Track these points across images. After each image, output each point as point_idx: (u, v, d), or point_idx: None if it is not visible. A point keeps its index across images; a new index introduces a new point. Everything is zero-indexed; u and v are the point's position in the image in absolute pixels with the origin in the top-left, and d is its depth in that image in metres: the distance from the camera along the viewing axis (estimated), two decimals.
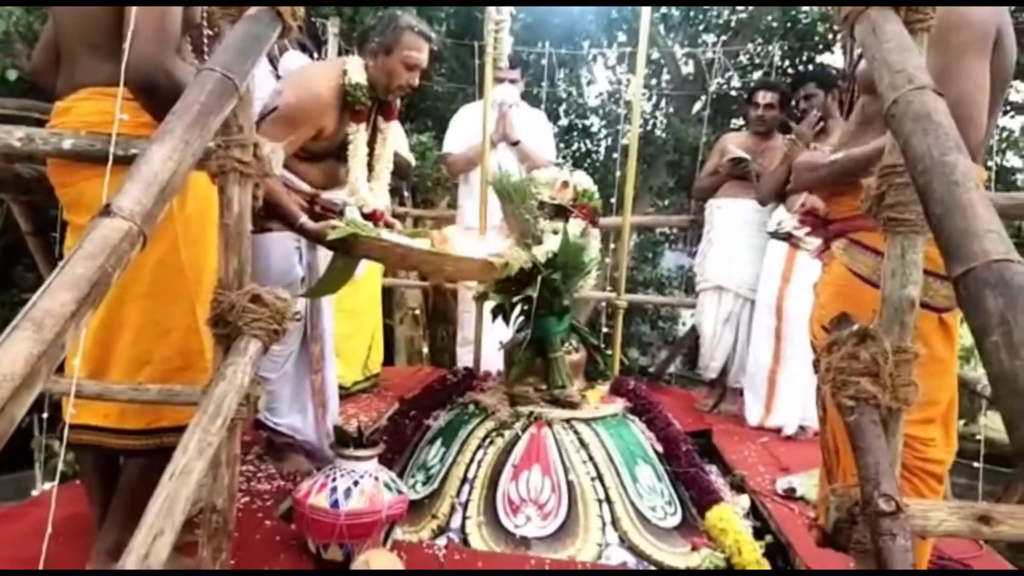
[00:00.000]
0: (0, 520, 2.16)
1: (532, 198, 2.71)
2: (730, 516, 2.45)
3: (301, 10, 1.57)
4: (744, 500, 2.74)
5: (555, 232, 2.68)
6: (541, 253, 2.60)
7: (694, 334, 6.25)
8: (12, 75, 4.89)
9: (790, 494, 2.76)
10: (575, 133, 9.45)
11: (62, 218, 1.90)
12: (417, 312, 6.03)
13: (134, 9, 1.56)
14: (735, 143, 3.94)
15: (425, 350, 5.96)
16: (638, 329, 9.39)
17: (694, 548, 2.38)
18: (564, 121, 9.34)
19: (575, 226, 2.70)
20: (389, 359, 5.05)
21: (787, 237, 3.53)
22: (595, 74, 9.95)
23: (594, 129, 9.87)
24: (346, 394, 3.67)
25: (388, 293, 5.30)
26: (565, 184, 2.75)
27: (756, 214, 3.81)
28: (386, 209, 2.70)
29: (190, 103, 1.27)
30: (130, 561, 1.20)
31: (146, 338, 1.77)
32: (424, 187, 6.37)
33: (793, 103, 3.74)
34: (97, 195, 1.42)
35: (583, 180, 2.80)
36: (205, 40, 1.92)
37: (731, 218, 3.90)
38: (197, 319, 1.77)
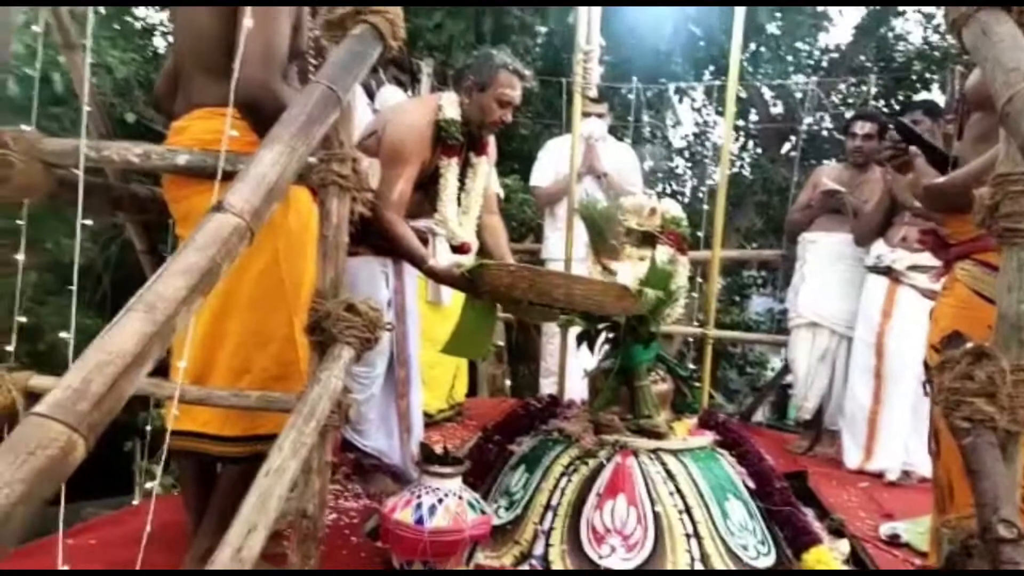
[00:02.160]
0: (99, 526, 2.26)
1: (619, 225, 2.70)
2: (829, 559, 2.32)
3: (401, 31, 1.64)
4: (844, 545, 2.59)
5: (642, 259, 2.65)
6: (627, 280, 2.57)
7: (783, 377, 6.05)
8: (131, 118, 5.27)
9: (894, 540, 2.60)
10: (660, 175, 9.41)
11: (173, 234, 2.02)
12: (500, 348, 6.05)
13: (244, 34, 1.67)
14: (829, 176, 3.83)
15: (508, 384, 5.96)
16: (724, 375, 9.12)
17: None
18: (649, 163, 9.32)
19: (663, 253, 2.67)
20: (472, 391, 5.07)
21: (887, 271, 3.39)
22: (680, 115, 9.94)
23: (679, 171, 9.81)
24: (430, 422, 3.70)
25: None
26: (653, 211, 2.73)
27: (850, 248, 3.67)
28: (475, 243, 2.74)
29: (297, 113, 1.33)
30: (224, 555, 1.23)
31: (246, 348, 1.84)
32: (509, 228, 6.44)
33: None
34: (206, 208, 1.50)
35: (671, 207, 2.77)
36: (311, 69, 2.03)
37: (825, 252, 3.77)
38: (295, 331, 1.83)
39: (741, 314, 9.15)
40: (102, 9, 5.24)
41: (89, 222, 1.73)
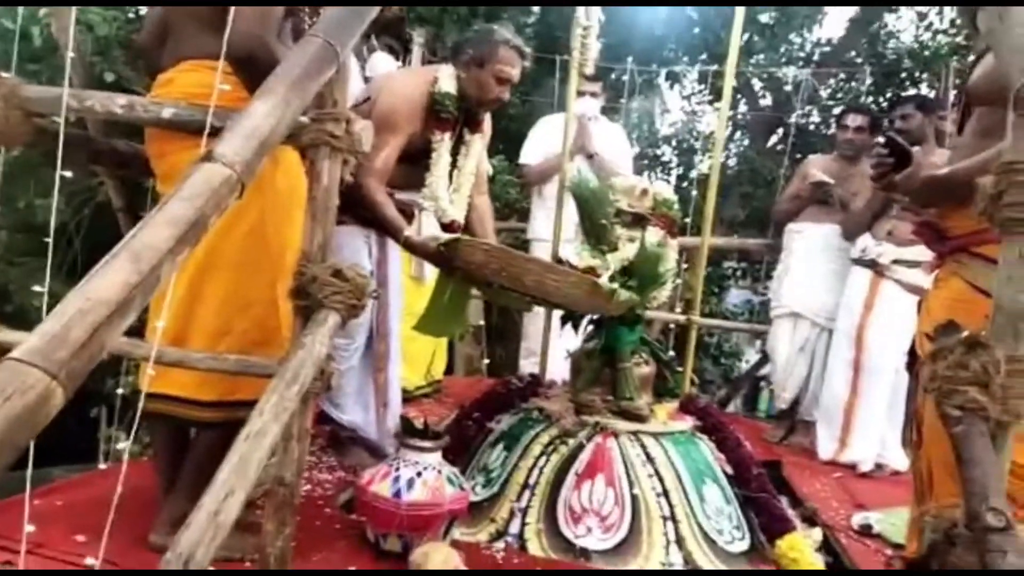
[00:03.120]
0: (65, 488, 2.19)
1: (610, 205, 2.67)
2: (802, 546, 2.33)
3: None
4: (816, 533, 2.60)
5: (631, 240, 2.63)
6: (616, 261, 2.55)
7: (759, 369, 6.09)
8: (110, 77, 5.13)
9: (866, 530, 2.62)
10: (645, 161, 9.37)
11: (154, 192, 1.96)
12: (478, 329, 6.01)
13: None
14: (819, 167, 3.83)
15: (485, 365, 5.93)
16: (699, 365, 9.17)
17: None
18: (636, 149, 9.28)
19: (653, 235, 2.65)
20: (449, 371, 5.04)
21: (872, 264, 3.40)
22: (669, 102, 9.90)
23: (666, 158, 9.78)
24: (408, 397, 3.66)
25: None
26: (644, 192, 2.70)
27: (837, 239, 3.68)
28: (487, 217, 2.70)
29: (292, 66, 1.29)
30: (200, 518, 1.19)
31: (227, 310, 1.79)
32: (493, 209, 6.38)
33: (888, 123, 3.62)
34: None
35: (663, 189, 2.74)
36: (305, 28, 1.97)
37: (811, 243, 3.77)
38: (278, 295, 1.79)
39: (719, 305, 9.17)
40: None
41: (68, 173, 1.66)
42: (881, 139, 1.84)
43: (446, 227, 2.60)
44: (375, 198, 2.38)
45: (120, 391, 1.90)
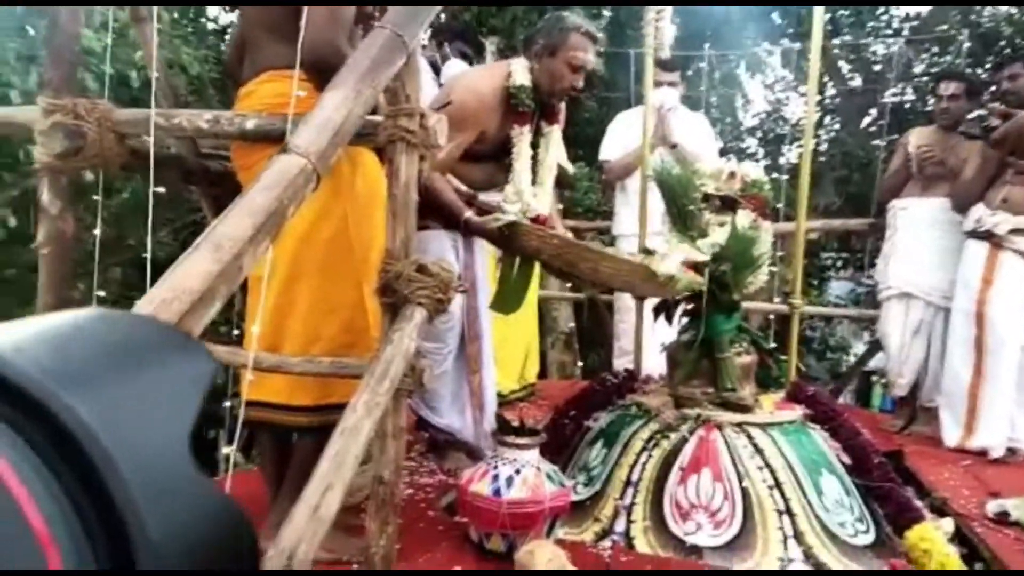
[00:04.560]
0: None
1: (696, 190, 2.58)
2: (934, 536, 2.15)
3: None
4: (948, 523, 2.41)
5: (721, 225, 2.52)
6: (707, 246, 2.45)
7: (869, 358, 5.76)
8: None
9: (1003, 518, 2.41)
10: (731, 156, 9.11)
11: None
12: (569, 335, 5.95)
13: None
14: (920, 138, 3.60)
15: (579, 370, 5.86)
16: (804, 362, 8.78)
17: (892, 569, 2.11)
18: (719, 143, 9.04)
19: (744, 218, 2.53)
20: (544, 373, 5.00)
21: (988, 236, 3.15)
22: (750, 93, 9.61)
23: (751, 151, 9.49)
24: (503, 402, 3.64)
25: (540, 315, 5.27)
26: (732, 174, 2.59)
27: (945, 213, 3.44)
28: (551, 215, 2.66)
29: (361, 58, 1.29)
30: (301, 513, 1.19)
31: (315, 316, 1.81)
32: (574, 215, 6.33)
33: (995, 86, 3.37)
34: None
35: (751, 170, 2.63)
36: None
37: (918, 218, 3.54)
38: (364, 297, 1.79)
39: (820, 296, 8.79)
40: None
41: (162, 189, 1.72)
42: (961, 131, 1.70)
43: (532, 222, 2.57)
44: (432, 184, 2.37)
45: (227, 404, 1.95)
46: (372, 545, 1.57)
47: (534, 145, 2.53)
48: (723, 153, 8.87)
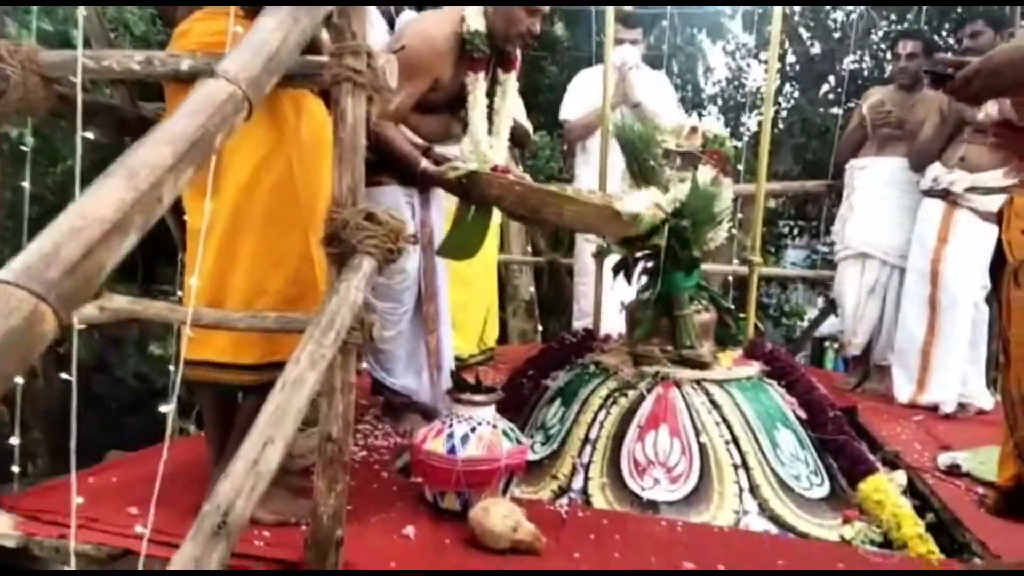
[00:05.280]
0: (121, 465, 2.18)
1: (657, 146, 2.53)
2: (886, 487, 2.18)
3: None
4: (900, 476, 2.44)
5: (683, 181, 2.49)
6: (668, 202, 2.42)
7: (819, 323, 5.83)
8: None
9: (954, 470, 2.45)
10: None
11: None
12: (530, 302, 5.92)
13: None
14: (879, 98, 3.60)
15: (539, 338, 5.85)
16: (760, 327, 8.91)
17: (846, 520, 2.13)
18: (680, 111, 9.00)
19: (705, 173, 2.50)
20: (504, 341, 4.95)
21: (944, 194, 3.17)
22: (712, 60, 9.58)
23: (713, 119, 9.48)
24: (462, 366, 3.57)
25: (501, 284, 5.21)
26: (694, 130, 2.55)
27: (904, 173, 3.45)
28: (508, 165, 2.59)
29: None
30: (238, 467, 1.13)
31: (260, 269, 1.73)
32: (536, 180, 6.25)
33: (957, 43, 3.37)
34: None
35: (713, 126, 2.59)
36: None
37: (876, 178, 3.55)
38: (311, 249, 1.72)
39: (777, 264, 8.90)
40: None
41: (91, 135, 1.61)
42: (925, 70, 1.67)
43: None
44: (385, 133, 2.29)
45: (172, 368, 1.87)
46: (320, 504, 1.52)
47: (490, 94, 2.45)
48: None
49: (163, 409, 1.50)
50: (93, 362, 4.82)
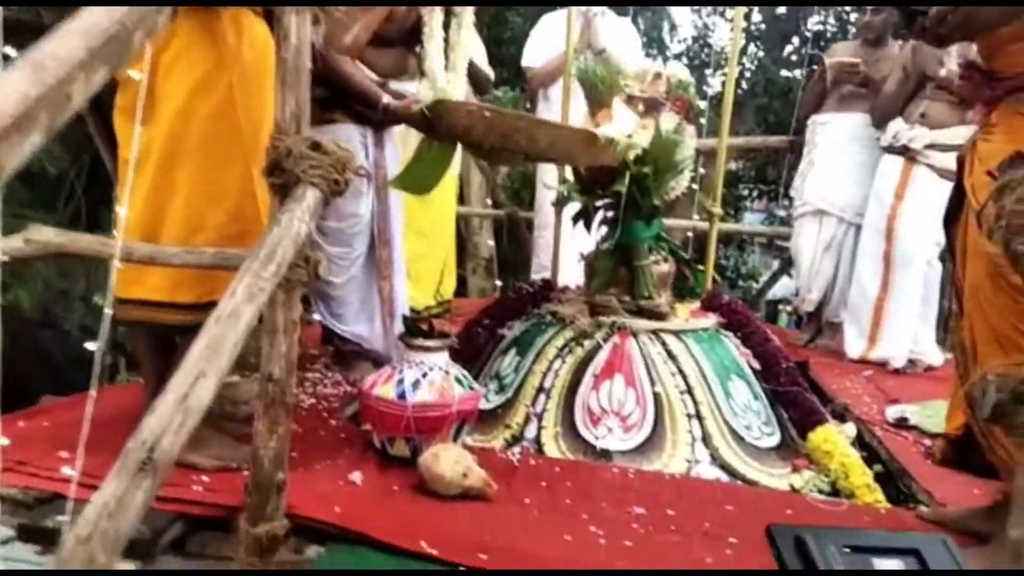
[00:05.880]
0: (54, 409, 2.07)
1: (620, 91, 2.46)
2: (835, 438, 2.19)
3: None
4: (850, 428, 2.47)
5: (644, 128, 2.43)
6: (629, 149, 2.36)
7: (773, 282, 5.89)
8: None
9: (902, 423, 2.48)
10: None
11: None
12: (489, 260, 5.86)
13: None
14: (842, 52, 3.57)
15: (497, 292, 5.80)
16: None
17: (795, 470, 2.14)
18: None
19: (668, 120, 2.45)
20: (462, 290, 4.89)
21: (904, 150, 3.17)
22: (677, 18, 9.49)
23: None
24: (417, 318, 3.52)
25: (460, 241, 5.12)
26: (658, 75, 2.49)
27: (865, 129, 3.44)
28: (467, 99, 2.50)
29: None
30: (168, 400, 1.06)
31: (198, 202, 1.63)
32: None
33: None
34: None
35: (678, 71, 2.53)
36: None
37: (836, 134, 3.53)
38: (254, 182, 1.62)
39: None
40: None
41: (12, 52, 1.48)
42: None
43: None
44: (343, 69, 2.18)
45: (106, 310, 1.76)
46: (261, 447, 1.45)
47: (446, 26, 2.34)
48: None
49: (89, 346, 1.41)
50: (39, 316, 4.65)
